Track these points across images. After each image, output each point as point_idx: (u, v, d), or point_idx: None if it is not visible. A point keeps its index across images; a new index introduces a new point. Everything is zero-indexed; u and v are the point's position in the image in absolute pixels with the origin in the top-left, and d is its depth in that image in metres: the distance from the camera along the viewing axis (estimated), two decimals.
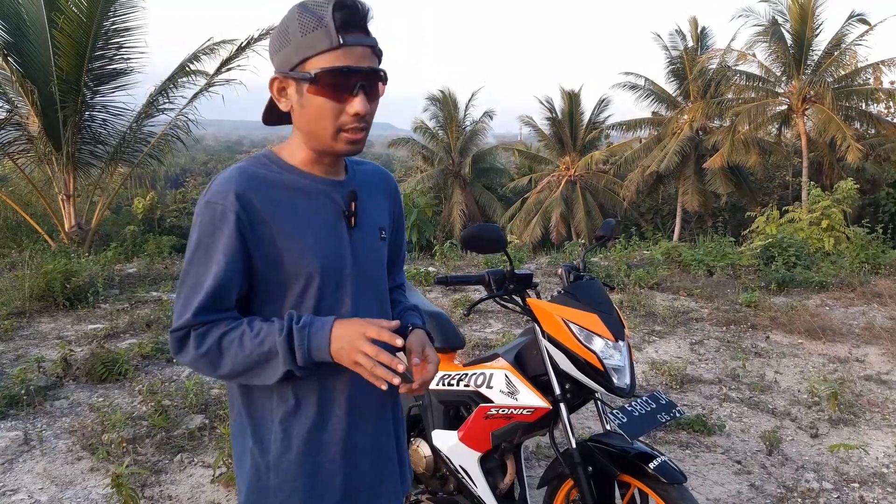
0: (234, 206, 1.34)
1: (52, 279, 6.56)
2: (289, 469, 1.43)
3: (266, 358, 1.34)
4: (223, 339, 1.35)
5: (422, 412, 2.74)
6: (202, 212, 1.37)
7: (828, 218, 11.72)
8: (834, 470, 3.59)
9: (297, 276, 1.39)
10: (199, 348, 1.35)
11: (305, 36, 1.32)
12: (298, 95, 1.36)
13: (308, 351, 1.33)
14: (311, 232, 1.41)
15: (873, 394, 4.65)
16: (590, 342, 2.24)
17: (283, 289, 1.41)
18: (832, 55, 22.43)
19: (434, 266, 8.88)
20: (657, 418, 2.29)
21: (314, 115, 1.36)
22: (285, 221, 1.38)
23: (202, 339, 1.35)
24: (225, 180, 1.36)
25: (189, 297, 1.36)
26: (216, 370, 1.37)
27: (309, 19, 1.31)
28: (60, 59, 11.31)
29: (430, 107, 32.41)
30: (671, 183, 27.92)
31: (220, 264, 1.35)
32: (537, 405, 2.35)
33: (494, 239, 2.27)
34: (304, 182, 1.43)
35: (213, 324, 1.36)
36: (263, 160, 1.44)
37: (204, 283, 1.35)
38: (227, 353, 1.35)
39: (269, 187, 1.39)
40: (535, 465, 3.56)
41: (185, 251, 1.45)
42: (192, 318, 1.35)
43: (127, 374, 4.76)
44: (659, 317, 6.41)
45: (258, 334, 1.34)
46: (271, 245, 1.37)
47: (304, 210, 1.41)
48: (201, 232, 1.36)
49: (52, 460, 3.61)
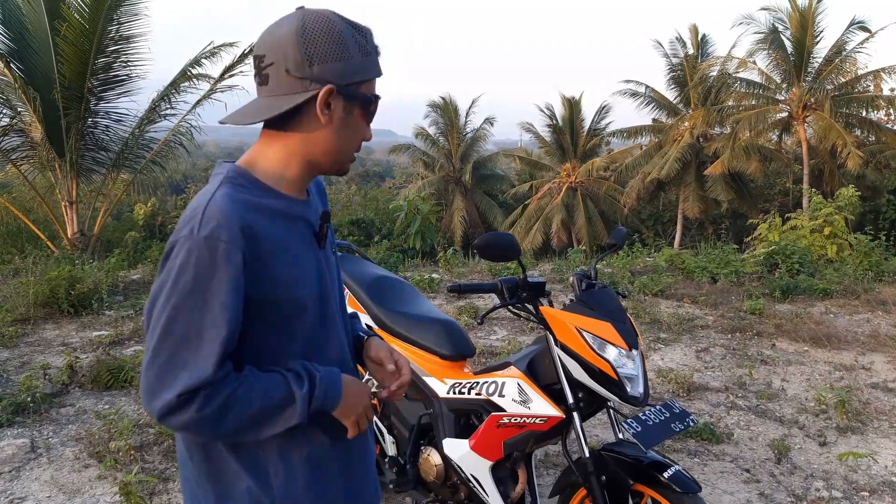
0: (240, 243, 1.21)
1: (56, 286, 6.55)
2: (297, 495, 1.36)
3: (273, 412, 1.27)
4: (231, 397, 1.22)
5: (432, 420, 2.74)
6: (199, 248, 1.19)
7: (830, 225, 11.72)
8: (843, 478, 3.58)
9: (291, 307, 1.32)
10: (204, 409, 1.20)
11: (365, 57, 1.30)
12: (345, 113, 1.31)
13: (322, 404, 1.32)
14: (299, 260, 1.33)
15: (880, 402, 4.64)
16: (603, 351, 2.24)
17: (278, 324, 1.32)
18: (832, 62, 22.50)
19: (438, 273, 8.88)
20: (671, 427, 2.29)
21: (352, 135, 1.34)
22: (277, 253, 1.28)
23: (210, 399, 1.20)
24: (222, 211, 1.21)
25: (183, 351, 1.19)
26: (215, 431, 1.25)
27: (361, 41, 1.30)
28: (63, 66, 11.35)
29: (431, 113, 32.52)
30: (672, 190, 27.96)
31: (230, 309, 1.21)
32: (550, 414, 2.34)
33: (509, 247, 2.28)
34: (283, 205, 1.33)
35: (221, 382, 1.21)
36: (241, 181, 1.30)
37: (208, 333, 1.19)
38: (231, 413, 1.22)
39: (260, 217, 1.27)
40: (545, 474, 3.55)
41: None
42: (210, 374, 1.19)
43: (132, 382, 4.75)
44: (664, 324, 6.40)
45: (266, 390, 1.26)
46: (268, 280, 1.27)
47: (289, 237, 1.32)
48: (199, 272, 1.19)
49: (60, 468, 3.60)
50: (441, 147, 32.40)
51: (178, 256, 1.20)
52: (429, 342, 2.78)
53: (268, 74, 1.29)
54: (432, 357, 2.77)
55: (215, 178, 1.32)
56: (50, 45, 11.57)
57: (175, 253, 1.21)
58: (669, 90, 28.08)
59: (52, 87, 11.43)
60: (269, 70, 1.28)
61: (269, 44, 1.28)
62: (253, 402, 1.24)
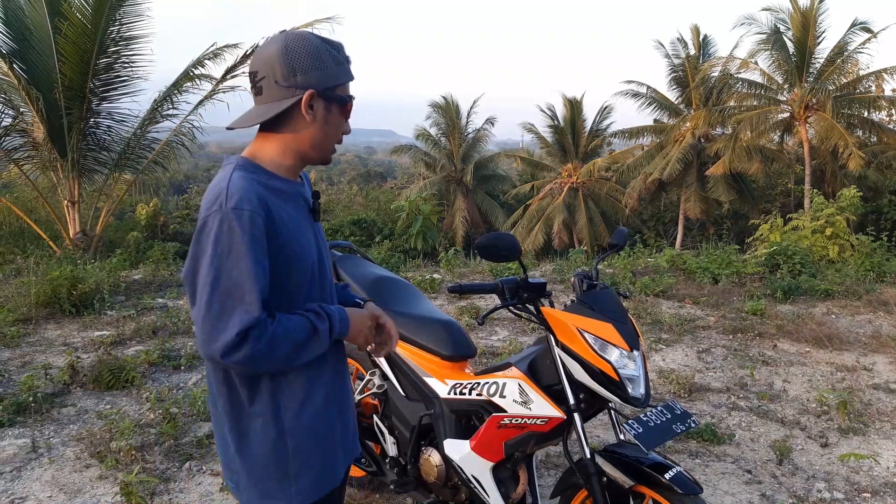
0: (261, 210, 1.49)
1: (58, 286, 6.56)
2: (304, 428, 1.62)
3: (307, 345, 1.55)
4: (274, 335, 1.49)
5: (433, 421, 2.74)
6: (229, 218, 1.46)
7: (832, 226, 11.71)
8: (845, 479, 3.58)
9: (297, 267, 1.60)
10: (257, 346, 1.46)
11: (338, 66, 1.60)
12: (326, 112, 1.60)
13: (339, 332, 1.63)
14: (301, 231, 1.62)
15: (882, 403, 4.63)
16: (604, 351, 2.24)
17: (289, 278, 1.58)
18: (834, 63, 22.48)
19: (439, 273, 8.88)
20: (673, 429, 2.28)
21: (332, 131, 1.63)
22: (286, 224, 1.57)
23: (259, 337, 1.47)
24: (243, 187, 1.50)
25: (230, 301, 1.45)
26: (266, 364, 1.51)
27: (335, 53, 1.60)
28: (65, 66, 11.36)
29: (433, 114, 32.50)
30: (673, 190, 27.94)
31: (262, 263, 1.48)
32: (551, 415, 2.34)
33: (509, 247, 2.28)
34: (286, 186, 1.63)
35: (264, 323, 1.49)
36: (250, 168, 1.58)
37: (247, 283, 1.46)
38: (278, 347, 1.50)
39: (270, 193, 1.56)
40: (546, 475, 3.55)
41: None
42: (259, 314, 1.46)
43: (134, 382, 4.76)
44: (665, 325, 6.40)
45: (297, 327, 1.54)
46: (279, 243, 1.54)
47: (292, 212, 1.62)
48: (233, 237, 1.46)
49: (61, 468, 3.60)
50: (442, 147, 32.40)
51: (213, 227, 1.47)
52: (430, 342, 2.78)
53: (261, 86, 1.58)
54: (433, 357, 2.77)
55: (227, 167, 1.59)
56: (52, 45, 11.58)
57: (209, 225, 1.48)
58: (671, 91, 28.10)
59: (54, 87, 11.44)
60: (262, 83, 1.58)
61: (260, 61, 1.58)
62: (289, 338, 1.52)
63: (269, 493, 1.63)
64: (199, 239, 1.49)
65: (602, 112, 31.06)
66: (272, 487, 1.63)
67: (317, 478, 1.67)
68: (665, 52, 27.57)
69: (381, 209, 27.31)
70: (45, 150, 12.02)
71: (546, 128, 31.59)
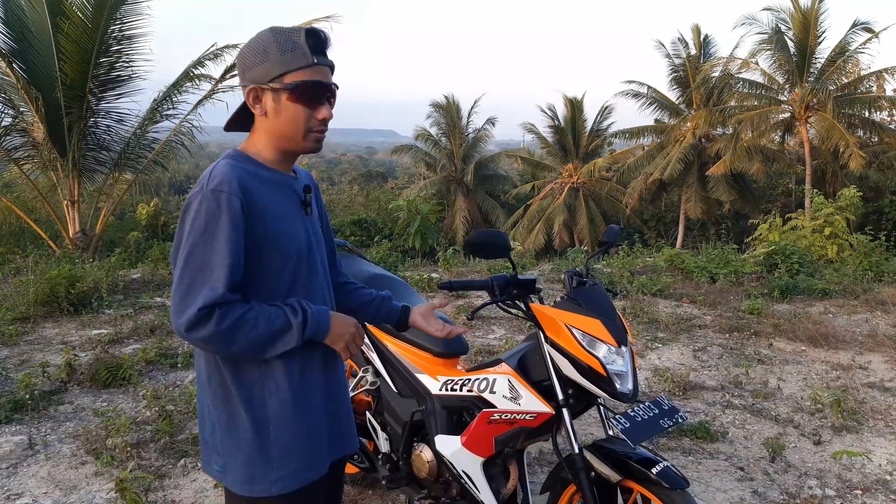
0: (239, 193, 1.53)
1: (56, 285, 6.58)
2: (287, 418, 1.64)
3: (276, 336, 1.56)
4: (240, 319, 1.52)
5: (425, 417, 2.75)
6: (208, 198, 1.52)
7: (831, 225, 11.72)
8: (837, 477, 3.59)
9: (279, 255, 1.62)
10: (221, 325, 1.50)
11: (284, 55, 1.58)
12: (275, 103, 1.61)
13: (314, 332, 1.62)
14: (287, 219, 1.65)
15: (876, 401, 4.64)
16: (593, 347, 2.25)
17: (266, 270, 1.61)
18: (835, 63, 22.47)
19: (438, 272, 8.90)
20: (660, 424, 2.30)
21: (290, 119, 1.62)
22: (270, 210, 1.60)
23: (224, 316, 1.50)
24: (224, 171, 1.55)
25: (199, 277, 1.50)
26: (228, 346, 1.53)
27: (285, 41, 1.59)
28: (65, 66, 11.37)
29: (434, 114, 32.49)
30: (674, 190, 27.95)
31: (235, 243, 1.52)
32: (540, 410, 2.36)
33: (499, 244, 2.29)
34: (275, 176, 1.67)
35: (233, 304, 1.53)
36: (240, 157, 1.64)
37: (217, 261, 1.50)
38: (240, 332, 1.52)
39: (254, 180, 1.60)
40: (538, 471, 3.56)
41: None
42: (222, 293, 1.50)
43: (131, 380, 4.78)
44: (662, 324, 6.41)
45: (270, 317, 1.56)
46: (263, 230, 1.58)
47: (279, 200, 1.65)
48: (209, 216, 1.51)
49: (57, 465, 3.62)
50: (443, 147, 32.40)
51: (193, 207, 1.54)
52: (422, 339, 2.80)
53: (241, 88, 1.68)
54: (425, 354, 2.79)
55: (223, 156, 1.67)
56: (52, 45, 11.60)
57: (191, 206, 1.55)
58: (672, 91, 28.09)
59: (55, 86, 11.46)
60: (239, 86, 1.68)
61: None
62: (258, 326, 1.54)
63: (252, 476, 1.65)
64: (182, 219, 1.56)
65: (603, 112, 31.08)
66: (255, 471, 1.65)
67: (299, 466, 1.67)
68: (666, 52, 27.59)
69: (382, 209, 27.32)
70: (45, 150, 12.04)
71: (547, 128, 31.64)
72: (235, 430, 1.65)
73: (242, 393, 1.63)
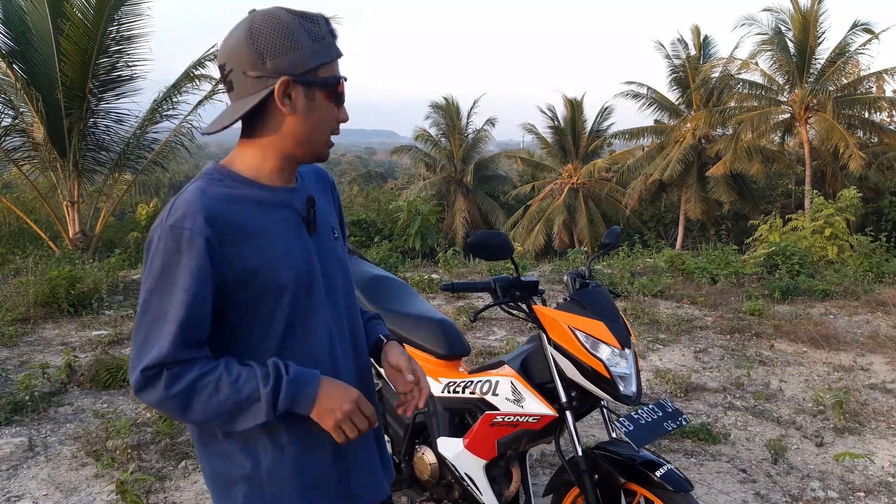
0: (204, 230, 1.27)
1: (56, 285, 6.57)
2: (284, 476, 1.40)
3: (242, 406, 1.29)
4: (197, 383, 1.27)
5: (427, 419, 2.74)
6: (165, 236, 1.27)
7: (831, 226, 11.71)
8: (839, 479, 3.58)
9: (270, 291, 1.35)
10: (170, 389, 1.26)
11: (316, 43, 1.33)
12: (308, 100, 1.34)
13: (291, 405, 1.32)
14: (280, 244, 1.37)
15: (878, 403, 4.63)
16: (596, 350, 2.24)
17: (254, 307, 1.35)
18: (835, 64, 22.47)
19: (438, 273, 8.89)
20: (663, 426, 2.29)
21: (321, 120, 1.37)
22: (253, 237, 1.33)
23: (175, 379, 1.26)
24: (188, 202, 1.29)
25: (153, 330, 1.27)
26: (184, 414, 1.30)
27: (312, 28, 1.33)
28: (66, 66, 11.37)
29: (433, 114, 32.51)
30: (674, 191, 27.95)
31: (190, 292, 1.26)
32: (543, 413, 2.35)
33: (501, 245, 2.29)
34: (264, 194, 1.38)
35: (188, 363, 1.28)
36: (217, 176, 1.37)
37: (170, 314, 1.26)
38: (198, 398, 1.28)
39: (233, 205, 1.33)
40: (540, 473, 3.55)
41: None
42: (167, 353, 1.26)
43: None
44: (663, 325, 6.40)
45: (237, 381, 1.29)
46: (242, 264, 1.32)
47: (269, 223, 1.37)
48: (166, 258, 1.27)
49: (57, 466, 3.61)
50: (443, 148, 32.39)
51: (153, 244, 1.30)
52: (424, 341, 2.78)
53: (231, 80, 1.34)
54: (427, 356, 2.78)
55: (198, 176, 1.40)
56: (52, 46, 11.60)
57: (151, 241, 1.31)
58: (671, 91, 28.09)
59: (54, 87, 11.46)
60: (231, 76, 1.34)
61: (225, 51, 1.34)
62: (220, 391, 1.28)
63: None
64: (145, 255, 1.32)
65: (602, 113, 31.08)
66: None
67: None
68: (665, 53, 27.58)
69: (382, 210, 27.33)
70: (45, 151, 12.03)
71: (546, 128, 31.63)
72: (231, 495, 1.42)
73: (237, 449, 1.39)
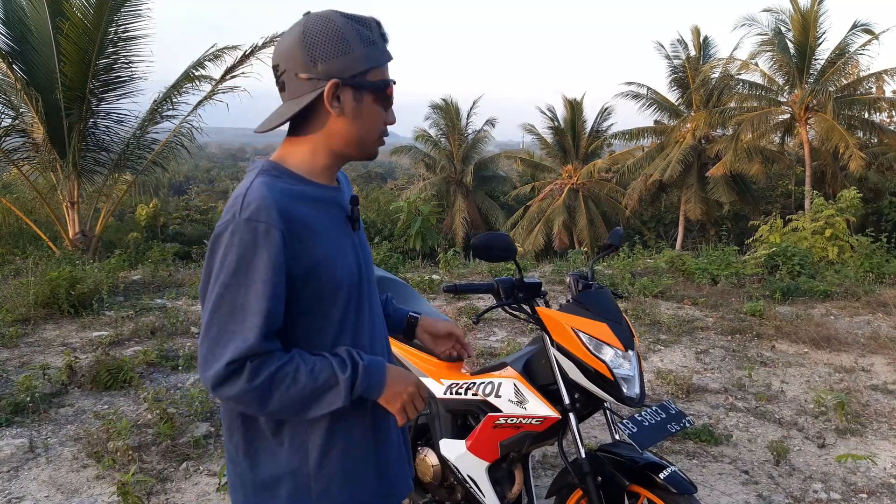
0: (279, 224, 1.31)
1: (56, 286, 6.56)
2: (331, 469, 1.44)
3: (318, 393, 1.34)
4: (277, 374, 1.31)
5: (429, 421, 2.74)
6: (241, 230, 1.30)
7: (831, 227, 11.71)
8: (842, 480, 3.57)
9: (329, 288, 1.40)
10: (253, 381, 1.29)
11: (367, 47, 1.38)
12: (356, 103, 1.39)
13: (366, 389, 1.40)
14: (335, 242, 1.42)
15: (880, 404, 4.63)
16: (599, 351, 2.24)
17: (316, 302, 1.40)
18: (835, 64, 22.48)
19: (438, 274, 8.88)
20: (667, 428, 2.28)
21: (370, 123, 1.42)
22: (315, 234, 1.38)
23: (257, 371, 1.30)
24: (262, 196, 1.32)
25: (230, 324, 1.29)
26: (263, 406, 1.33)
27: (364, 32, 1.38)
28: (65, 67, 11.37)
29: (433, 115, 32.52)
30: (674, 191, 27.95)
31: (270, 283, 1.30)
32: (546, 415, 2.34)
33: (504, 247, 2.28)
34: (318, 192, 1.43)
35: (268, 355, 1.32)
36: (276, 173, 1.40)
37: (252, 306, 1.29)
38: (278, 389, 1.31)
39: (296, 201, 1.37)
40: (543, 475, 3.55)
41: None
42: (254, 344, 1.28)
43: (132, 382, 4.76)
44: (664, 325, 6.40)
45: (313, 370, 1.34)
46: (307, 260, 1.36)
47: (325, 221, 1.42)
48: (242, 252, 1.29)
49: (58, 468, 3.60)
50: (442, 148, 32.40)
51: (224, 240, 1.31)
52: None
53: (283, 81, 1.40)
54: (429, 357, 2.77)
55: (251, 171, 1.43)
56: (52, 46, 11.59)
57: (221, 238, 1.32)
58: (671, 92, 28.10)
59: (54, 87, 11.46)
60: (284, 77, 1.40)
61: (279, 53, 1.40)
62: (299, 380, 1.33)
63: None
64: (211, 252, 1.34)
65: (602, 113, 31.10)
66: None
67: None
68: (665, 54, 27.60)
69: (382, 210, 27.33)
70: (45, 151, 12.03)
71: (546, 129, 31.64)
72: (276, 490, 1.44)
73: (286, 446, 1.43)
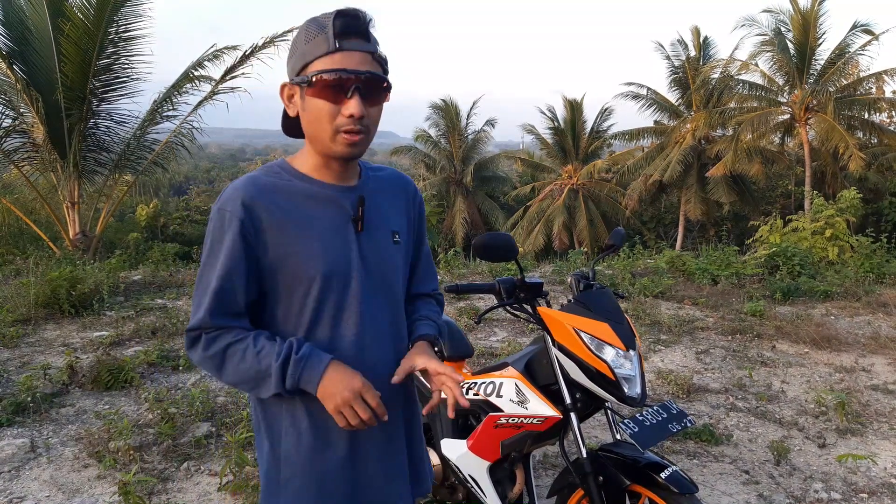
0: (240, 213, 1.43)
1: (57, 286, 6.56)
2: (297, 462, 1.51)
3: (262, 376, 1.43)
4: (228, 349, 1.45)
5: (430, 421, 2.74)
6: (213, 217, 1.47)
7: (831, 227, 11.72)
8: (842, 480, 3.58)
9: (301, 280, 1.46)
10: (207, 351, 1.45)
11: (308, 43, 1.41)
12: (301, 100, 1.45)
13: (297, 382, 1.43)
14: (318, 237, 1.47)
15: (880, 403, 4.63)
16: (601, 351, 2.24)
17: (288, 291, 1.48)
18: (835, 64, 22.48)
19: (438, 274, 8.88)
20: (668, 428, 2.28)
21: (314, 117, 1.43)
22: (292, 227, 1.46)
23: (211, 343, 1.45)
24: (234, 188, 1.46)
25: (200, 298, 1.46)
26: (220, 375, 1.48)
27: (313, 28, 1.41)
28: (66, 67, 11.36)
29: (433, 115, 32.50)
30: (674, 192, 27.94)
31: (224, 267, 1.44)
32: (548, 414, 2.34)
33: (506, 248, 2.28)
34: (312, 188, 1.50)
35: (224, 330, 1.46)
36: (276, 169, 1.53)
37: (210, 285, 1.45)
38: (230, 362, 1.45)
39: (278, 195, 1.47)
40: (543, 475, 3.55)
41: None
42: (203, 318, 1.44)
43: (133, 382, 4.76)
44: (664, 326, 6.40)
45: (259, 352, 1.43)
46: (277, 250, 1.45)
47: (311, 215, 1.48)
48: (212, 236, 1.47)
49: (59, 468, 3.60)
50: (442, 149, 32.39)
51: (209, 225, 1.50)
52: None
53: None
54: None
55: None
56: (52, 47, 11.59)
57: (208, 222, 1.51)
58: (671, 92, 28.09)
59: (55, 88, 11.45)
60: None
61: None
62: (246, 359, 1.43)
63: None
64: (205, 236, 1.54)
65: (602, 113, 31.08)
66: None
67: None
68: (665, 54, 27.58)
69: None
70: (46, 152, 12.02)
71: (546, 129, 31.62)
72: (261, 456, 1.59)
73: (265, 425, 1.56)
